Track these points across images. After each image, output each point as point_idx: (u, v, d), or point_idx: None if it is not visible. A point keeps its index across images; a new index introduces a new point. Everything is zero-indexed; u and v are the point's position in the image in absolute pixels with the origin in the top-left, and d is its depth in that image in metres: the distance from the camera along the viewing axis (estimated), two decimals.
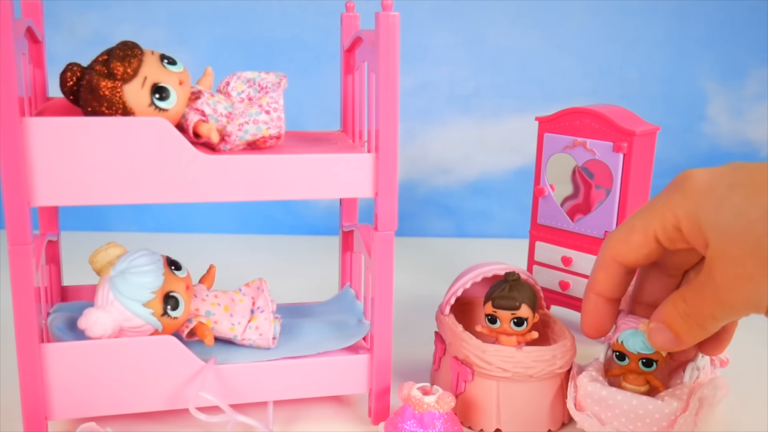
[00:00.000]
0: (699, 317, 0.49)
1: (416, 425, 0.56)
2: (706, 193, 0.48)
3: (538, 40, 1.14)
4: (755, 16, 1.14)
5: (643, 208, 0.52)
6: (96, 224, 1.16)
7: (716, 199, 0.47)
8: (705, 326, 0.50)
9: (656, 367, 0.56)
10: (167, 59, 0.56)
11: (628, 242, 0.52)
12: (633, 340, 0.56)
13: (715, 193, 0.47)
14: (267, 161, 0.56)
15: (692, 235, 0.49)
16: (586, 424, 0.56)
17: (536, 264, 0.82)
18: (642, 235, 0.52)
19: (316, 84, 1.10)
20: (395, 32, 0.54)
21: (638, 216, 0.52)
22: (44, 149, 0.51)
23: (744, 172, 0.47)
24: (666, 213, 0.50)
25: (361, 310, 0.67)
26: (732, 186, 0.47)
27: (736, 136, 1.19)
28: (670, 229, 0.50)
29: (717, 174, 0.48)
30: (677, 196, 0.49)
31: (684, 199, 0.49)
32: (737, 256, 0.46)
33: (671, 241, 0.51)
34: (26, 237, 0.52)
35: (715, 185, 0.48)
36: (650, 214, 0.51)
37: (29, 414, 0.55)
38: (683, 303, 0.50)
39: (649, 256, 0.52)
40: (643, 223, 0.52)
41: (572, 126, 0.77)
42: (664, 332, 0.52)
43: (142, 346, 0.56)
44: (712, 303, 0.48)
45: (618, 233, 0.54)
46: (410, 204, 1.19)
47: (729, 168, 0.49)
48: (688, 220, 0.49)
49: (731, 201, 0.46)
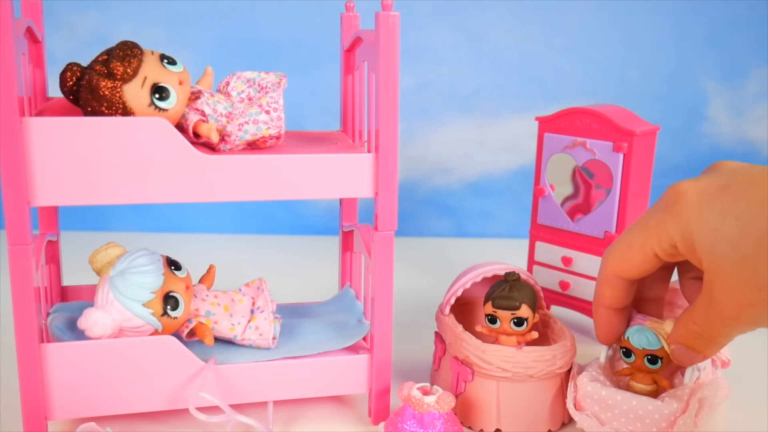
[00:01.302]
0: (712, 336, 0.51)
1: (416, 425, 0.56)
2: (698, 221, 0.48)
3: (538, 40, 1.14)
4: (755, 16, 1.14)
5: (639, 224, 0.53)
6: (96, 224, 1.16)
7: (709, 229, 0.48)
8: (720, 341, 0.52)
9: (662, 364, 0.57)
10: (167, 59, 0.56)
11: (629, 260, 0.54)
12: (638, 336, 0.57)
13: (708, 222, 0.48)
14: (267, 161, 0.56)
15: (689, 254, 0.50)
16: (586, 424, 0.56)
17: (536, 264, 0.82)
18: (641, 254, 0.53)
19: (316, 84, 1.10)
20: (395, 32, 0.54)
21: (635, 233, 0.53)
22: (44, 149, 0.51)
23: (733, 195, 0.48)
24: (661, 233, 0.51)
25: (361, 310, 0.67)
26: (723, 215, 0.47)
27: (736, 136, 1.19)
28: (667, 248, 0.51)
29: (706, 195, 0.49)
30: (669, 218, 0.50)
31: (676, 222, 0.50)
32: (736, 284, 0.47)
33: (670, 256, 0.52)
34: (26, 237, 0.52)
35: (706, 213, 0.48)
36: (646, 232, 0.52)
37: (29, 414, 0.55)
38: (694, 325, 0.52)
39: (651, 268, 0.54)
40: (640, 242, 0.53)
41: (572, 126, 0.77)
42: (685, 351, 0.53)
43: (142, 346, 0.56)
44: (721, 324, 0.49)
45: (617, 251, 0.55)
46: (410, 204, 1.19)
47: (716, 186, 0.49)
48: (683, 242, 0.50)
49: (724, 234, 0.47)
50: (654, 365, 0.57)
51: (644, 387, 0.58)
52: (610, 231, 0.75)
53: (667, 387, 0.57)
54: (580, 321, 0.83)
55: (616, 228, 0.75)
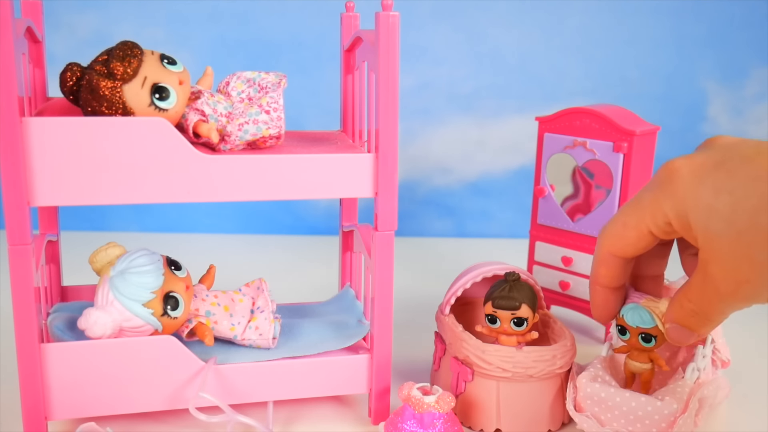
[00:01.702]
0: (707, 313, 0.51)
1: (416, 425, 0.56)
2: (693, 198, 0.48)
3: (538, 40, 1.14)
4: (755, 16, 1.14)
5: (633, 203, 0.53)
6: (96, 224, 1.16)
7: (703, 206, 0.47)
8: (716, 319, 0.51)
9: (656, 343, 0.57)
10: (167, 59, 0.56)
11: (624, 238, 0.53)
12: (632, 314, 0.57)
13: (702, 199, 0.48)
14: (267, 161, 0.56)
15: (684, 232, 0.50)
16: (586, 425, 0.56)
17: (536, 264, 0.82)
18: (636, 231, 0.52)
19: (316, 84, 1.10)
20: (395, 32, 0.54)
21: (629, 211, 0.53)
22: (44, 149, 0.51)
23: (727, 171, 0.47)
24: (656, 211, 0.51)
25: (361, 310, 0.67)
26: (717, 191, 0.47)
27: (736, 135, 1.19)
28: (662, 225, 0.51)
29: (700, 172, 0.48)
30: (663, 196, 0.50)
31: (671, 200, 0.49)
32: (731, 260, 0.46)
33: (666, 233, 0.51)
34: (26, 237, 0.52)
35: (700, 189, 0.48)
36: (640, 210, 0.52)
37: (29, 414, 0.55)
38: (689, 302, 0.51)
39: (647, 246, 0.53)
40: (635, 220, 0.52)
41: (572, 126, 0.77)
42: (680, 330, 0.53)
43: (142, 346, 0.56)
44: (716, 301, 0.49)
45: (612, 229, 0.54)
46: (410, 204, 1.19)
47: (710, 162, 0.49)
48: (678, 219, 0.49)
49: (718, 210, 0.47)
50: (648, 343, 0.57)
51: (640, 365, 0.58)
52: None
53: (663, 366, 0.58)
54: (580, 321, 0.83)
55: None
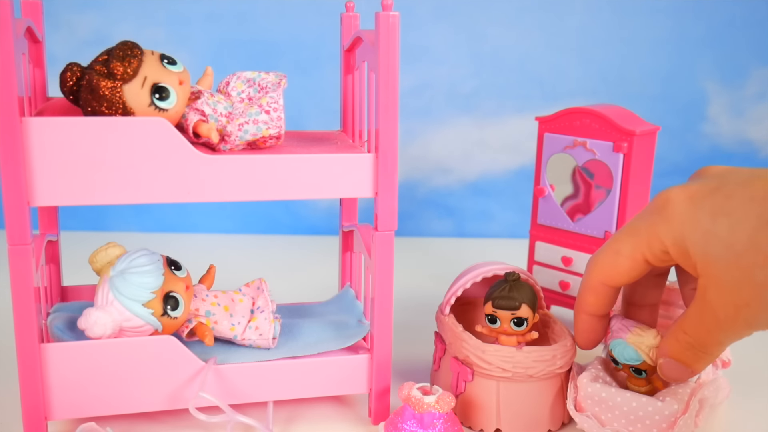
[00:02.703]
0: (703, 345, 0.50)
1: (416, 425, 0.56)
2: (690, 223, 0.48)
3: (538, 40, 1.14)
4: (755, 16, 1.14)
5: (627, 230, 0.52)
6: (96, 224, 1.16)
7: (701, 230, 0.47)
8: (712, 352, 0.50)
9: (646, 375, 0.57)
10: (167, 59, 0.56)
11: (617, 266, 0.53)
12: (620, 350, 0.57)
13: (699, 224, 0.47)
14: (267, 161, 0.56)
15: (682, 259, 0.49)
16: (586, 425, 0.56)
17: (536, 264, 0.82)
18: (630, 260, 0.52)
19: (316, 84, 1.10)
20: (395, 32, 0.54)
21: (623, 240, 0.53)
22: (44, 149, 0.51)
23: (724, 195, 0.47)
24: (652, 239, 0.50)
25: (361, 310, 0.67)
26: (714, 215, 0.47)
27: (736, 136, 1.19)
28: (659, 253, 0.50)
29: (697, 198, 0.48)
30: (660, 223, 0.50)
31: (667, 226, 0.49)
32: (731, 284, 0.46)
33: (662, 261, 0.51)
34: (26, 237, 0.52)
35: (698, 214, 0.48)
36: (636, 239, 0.51)
37: (29, 414, 0.55)
38: (684, 335, 0.51)
39: (639, 275, 0.53)
40: (630, 249, 0.52)
41: (572, 126, 0.77)
42: (674, 365, 0.52)
43: (142, 346, 0.56)
44: (714, 331, 0.48)
45: (604, 258, 0.54)
46: (410, 204, 1.19)
47: (707, 188, 0.49)
48: (675, 247, 0.49)
49: (716, 234, 0.46)
50: (639, 376, 0.57)
51: (639, 389, 0.58)
52: (610, 231, 0.75)
53: (661, 387, 0.58)
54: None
55: (616, 228, 0.75)
